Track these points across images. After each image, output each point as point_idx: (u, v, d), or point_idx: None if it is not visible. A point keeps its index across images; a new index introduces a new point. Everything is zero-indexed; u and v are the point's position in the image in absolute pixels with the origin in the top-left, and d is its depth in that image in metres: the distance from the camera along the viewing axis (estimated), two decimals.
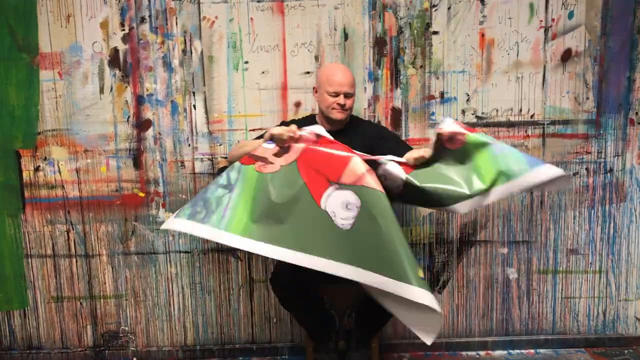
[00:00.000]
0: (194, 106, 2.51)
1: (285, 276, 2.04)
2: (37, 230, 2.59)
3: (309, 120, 2.21)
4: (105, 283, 2.63)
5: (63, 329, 2.66)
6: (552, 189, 2.11)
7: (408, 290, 1.65)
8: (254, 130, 2.53)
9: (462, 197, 1.71)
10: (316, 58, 2.47)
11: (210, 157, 2.55)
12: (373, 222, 1.71)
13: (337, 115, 2.09)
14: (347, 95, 2.09)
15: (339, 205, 1.77)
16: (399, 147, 2.07)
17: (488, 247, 2.62)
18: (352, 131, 2.15)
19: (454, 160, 1.78)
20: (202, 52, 2.47)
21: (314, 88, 2.17)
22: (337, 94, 2.07)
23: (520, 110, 2.53)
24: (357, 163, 1.79)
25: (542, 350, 2.61)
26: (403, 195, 1.86)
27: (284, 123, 2.20)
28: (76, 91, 2.50)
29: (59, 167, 2.56)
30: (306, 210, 1.80)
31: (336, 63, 2.37)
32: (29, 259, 2.59)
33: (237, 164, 1.95)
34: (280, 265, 2.05)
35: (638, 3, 2.45)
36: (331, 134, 2.05)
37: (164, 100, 2.51)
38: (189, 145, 2.53)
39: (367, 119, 2.51)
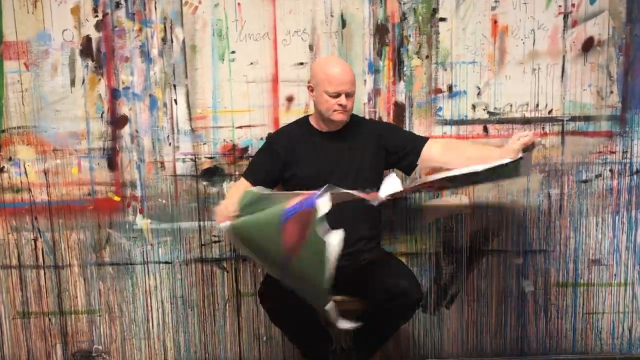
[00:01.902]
0: (175, 101, 2.41)
1: (276, 289, 1.92)
2: (1, 239, 2.51)
3: (302, 125, 2.13)
4: (76, 297, 2.53)
5: (30, 347, 2.57)
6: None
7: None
8: (240, 127, 2.43)
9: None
10: (310, 47, 2.36)
11: (193, 157, 2.45)
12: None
13: (339, 117, 2.01)
14: (349, 95, 2.00)
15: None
16: (413, 137, 2.09)
17: (501, 257, 2.52)
18: (354, 132, 2.08)
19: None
20: (184, 40, 2.37)
21: (308, 86, 2.07)
22: (338, 95, 1.97)
23: (537, 105, 2.42)
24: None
25: None
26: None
27: (270, 135, 2.21)
28: (44, 84, 2.39)
29: (25, 169, 2.45)
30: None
31: (334, 57, 2.27)
32: None
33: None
34: (270, 277, 1.96)
35: None
36: (329, 136, 2.04)
37: (142, 94, 2.40)
38: (170, 144, 2.43)
39: (367, 114, 2.42)
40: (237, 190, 2.00)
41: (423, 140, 2.06)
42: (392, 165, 2.10)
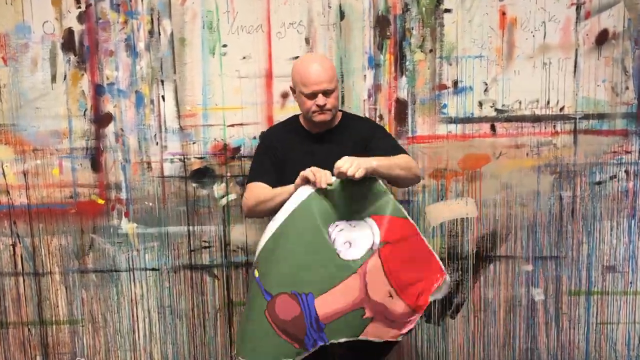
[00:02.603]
0: (163, 97, 2.36)
1: None
2: None
3: (291, 123, 2.10)
4: (57, 306, 2.48)
5: (8, 359, 2.51)
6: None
7: None
8: (232, 125, 2.38)
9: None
10: (307, 41, 2.32)
11: (182, 157, 2.39)
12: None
13: (319, 117, 1.96)
14: (327, 93, 1.94)
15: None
16: (387, 146, 1.98)
17: (510, 263, 2.46)
18: (342, 134, 2.03)
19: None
20: (172, 33, 2.32)
21: (290, 87, 2.04)
22: (314, 95, 1.93)
23: (548, 102, 2.36)
24: None
25: None
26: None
27: (265, 134, 2.16)
28: (23, 79, 2.34)
29: (3, 170, 2.40)
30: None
31: (309, 55, 2.23)
32: None
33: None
34: None
35: None
36: (318, 138, 2.01)
37: (127, 91, 2.36)
38: (157, 143, 2.38)
39: (367, 112, 2.37)
40: (259, 191, 1.96)
41: (396, 152, 1.98)
42: None
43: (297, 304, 1.76)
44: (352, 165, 1.75)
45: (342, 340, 1.79)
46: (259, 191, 1.98)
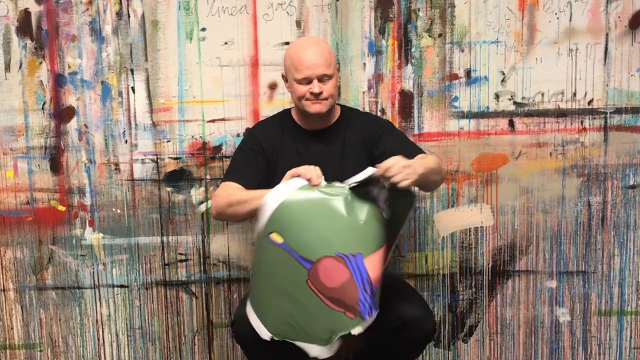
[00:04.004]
0: (133, 89, 2.26)
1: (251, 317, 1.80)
2: None
3: (282, 119, 2.03)
4: (12, 328, 2.37)
5: None
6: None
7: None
8: (213, 121, 2.27)
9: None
10: (298, 24, 2.20)
11: (155, 157, 2.28)
12: None
13: (314, 108, 1.88)
14: (323, 79, 1.86)
15: None
16: (402, 147, 1.89)
17: (530, 279, 2.37)
18: (344, 132, 1.96)
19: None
20: (143, 15, 2.21)
21: (282, 75, 1.99)
22: (308, 80, 1.86)
23: (574, 94, 2.26)
24: None
25: None
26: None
27: (252, 129, 2.07)
28: None
29: None
30: None
31: (304, 38, 2.17)
32: None
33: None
34: (245, 303, 1.85)
35: None
36: (315, 137, 1.94)
37: (92, 81, 2.26)
38: (126, 141, 2.28)
39: (366, 106, 2.28)
40: (231, 192, 1.84)
41: (415, 153, 1.88)
42: None
43: (345, 267, 1.64)
44: (400, 171, 1.61)
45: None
46: (231, 191, 1.84)
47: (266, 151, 1.93)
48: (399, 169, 1.59)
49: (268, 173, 1.92)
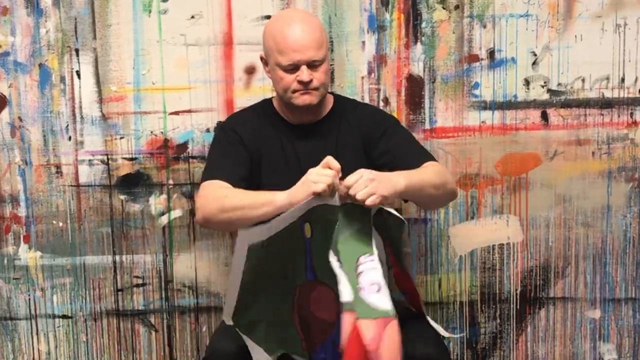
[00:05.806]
0: (78, 73, 2.08)
1: (229, 356, 1.68)
2: None
3: (262, 111, 1.88)
4: None
5: None
6: None
7: None
8: (176, 113, 2.09)
9: None
10: None
11: (105, 158, 2.10)
12: None
13: (302, 99, 1.75)
14: (314, 65, 1.72)
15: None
16: (407, 150, 1.80)
17: (568, 308, 2.19)
18: (335, 123, 1.84)
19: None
20: None
21: (261, 57, 1.84)
22: (295, 66, 1.72)
23: (622, 79, 2.08)
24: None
25: None
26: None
27: (224, 123, 1.93)
28: None
29: None
30: None
31: (288, 11, 2.02)
32: None
33: None
34: (220, 337, 1.74)
35: None
36: (303, 132, 1.82)
37: (28, 64, 2.08)
38: (70, 138, 2.10)
39: (365, 94, 2.12)
40: (229, 192, 1.70)
41: (421, 159, 1.79)
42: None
43: (335, 312, 1.59)
44: (365, 186, 1.50)
45: None
46: (223, 193, 1.69)
47: (247, 146, 1.78)
48: (364, 183, 1.49)
49: (252, 173, 1.79)
